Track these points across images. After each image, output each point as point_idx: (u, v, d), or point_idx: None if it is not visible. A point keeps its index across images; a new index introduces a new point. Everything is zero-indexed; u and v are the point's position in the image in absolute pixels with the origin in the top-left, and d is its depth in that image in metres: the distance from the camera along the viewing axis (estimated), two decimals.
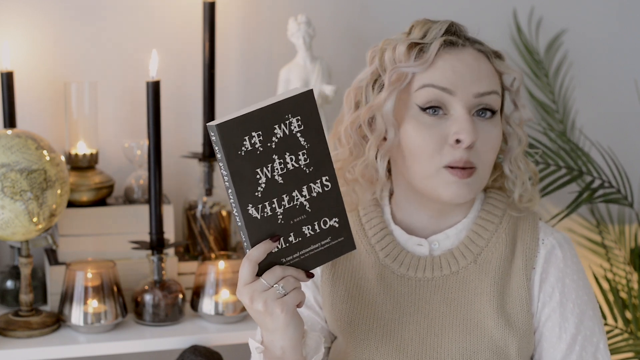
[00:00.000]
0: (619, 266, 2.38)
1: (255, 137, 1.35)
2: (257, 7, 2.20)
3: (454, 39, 1.52)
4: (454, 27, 1.54)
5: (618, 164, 2.24)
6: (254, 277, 1.38)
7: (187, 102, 2.19)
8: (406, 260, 1.56)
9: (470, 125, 1.46)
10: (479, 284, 1.54)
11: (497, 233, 1.56)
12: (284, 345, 1.41)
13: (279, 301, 1.38)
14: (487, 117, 1.50)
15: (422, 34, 1.53)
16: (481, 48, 1.53)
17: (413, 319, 1.54)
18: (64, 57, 2.11)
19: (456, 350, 1.51)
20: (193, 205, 2.13)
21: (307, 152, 1.38)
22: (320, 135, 1.39)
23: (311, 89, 1.37)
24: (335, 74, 2.16)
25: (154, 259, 1.96)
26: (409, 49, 1.51)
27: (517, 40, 2.35)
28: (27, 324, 1.91)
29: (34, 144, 1.84)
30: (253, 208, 1.36)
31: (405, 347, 1.52)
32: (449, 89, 1.48)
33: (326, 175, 1.40)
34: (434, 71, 1.50)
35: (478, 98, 1.49)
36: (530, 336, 1.53)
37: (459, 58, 1.50)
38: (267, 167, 1.36)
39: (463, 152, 1.46)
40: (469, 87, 1.48)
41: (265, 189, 1.36)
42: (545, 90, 2.37)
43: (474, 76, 1.49)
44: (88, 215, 2.02)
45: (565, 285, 1.54)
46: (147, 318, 1.96)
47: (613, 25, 2.43)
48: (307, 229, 1.40)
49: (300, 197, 1.39)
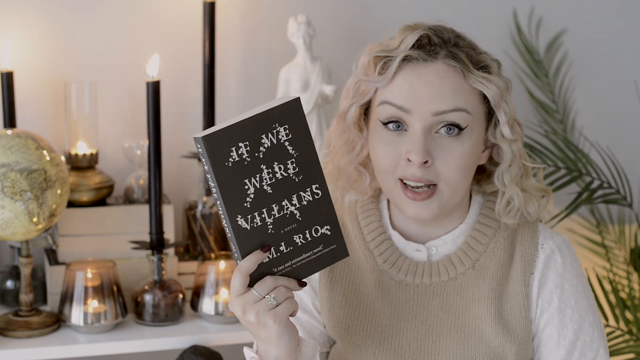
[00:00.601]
0: (619, 266, 2.38)
1: (242, 148, 1.34)
2: (257, 7, 2.20)
3: (415, 54, 1.46)
4: (427, 39, 1.48)
5: (617, 164, 2.24)
6: (245, 289, 1.38)
7: (187, 102, 2.19)
8: (404, 265, 1.55)
9: (420, 145, 1.44)
10: (477, 290, 1.53)
11: (495, 238, 1.55)
12: (278, 354, 1.41)
13: (271, 312, 1.37)
14: (453, 133, 1.46)
15: (398, 43, 1.49)
16: (452, 63, 1.46)
17: (411, 324, 1.53)
18: (64, 57, 2.11)
19: (454, 356, 1.50)
20: (193, 205, 2.13)
21: (295, 160, 1.37)
22: (308, 143, 1.38)
23: (298, 97, 1.36)
24: (335, 74, 2.16)
25: (154, 259, 1.96)
26: (374, 61, 1.50)
27: (517, 40, 2.35)
28: (27, 324, 1.91)
29: (34, 144, 1.84)
30: (242, 219, 1.35)
31: (403, 353, 1.51)
32: (405, 108, 1.46)
33: (316, 183, 1.39)
34: (393, 88, 1.47)
35: (437, 116, 1.45)
36: (528, 342, 1.52)
37: (419, 74, 1.46)
38: (255, 177, 1.35)
39: (416, 170, 1.45)
40: (427, 106, 1.45)
41: (254, 199, 1.35)
42: (545, 90, 2.37)
43: (434, 94, 1.45)
44: (88, 215, 2.02)
45: (564, 291, 1.53)
46: (147, 318, 1.96)
47: (613, 25, 2.43)
48: (298, 237, 1.39)
49: (290, 206, 1.38)
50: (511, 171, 1.53)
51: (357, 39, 2.25)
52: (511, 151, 1.52)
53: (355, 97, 1.53)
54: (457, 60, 1.47)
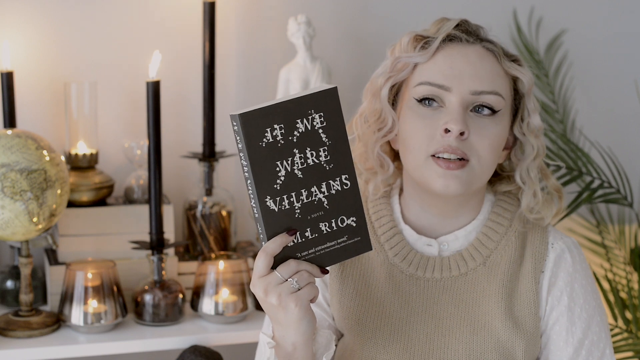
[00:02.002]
0: (619, 266, 2.38)
1: (277, 130, 1.35)
2: (257, 7, 2.20)
3: (458, 34, 1.53)
4: (465, 25, 1.55)
5: (618, 164, 2.24)
6: (268, 270, 1.38)
7: (187, 102, 2.19)
8: (415, 260, 1.56)
9: (460, 116, 1.47)
10: (487, 286, 1.54)
11: (506, 236, 1.57)
12: (296, 341, 1.41)
13: (293, 295, 1.38)
14: (485, 114, 1.50)
15: (436, 30, 1.54)
16: (490, 47, 1.53)
17: (421, 318, 1.54)
18: (64, 57, 2.11)
19: (463, 350, 1.51)
20: (193, 205, 2.13)
21: (328, 149, 1.38)
22: (342, 133, 1.39)
23: (335, 87, 1.38)
24: (335, 74, 2.17)
25: (154, 259, 1.96)
26: (414, 40, 1.54)
27: (517, 40, 2.35)
28: (27, 324, 1.91)
29: (34, 144, 1.84)
30: (271, 200, 1.37)
31: (412, 346, 1.52)
32: (445, 86, 1.49)
33: (346, 174, 1.40)
34: (433, 66, 1.51)
35: (475, 96, 1.49)
36: (537, 339, 1.54)
37: (461, 53, 1.51)
38: (287, 160, 1.36)
39: (453, 140, 1.47)
40: (466, 84, 1.49)
41: (284, 182, 1.37)
42: (545, 90, 2.37)
43: (474, 73, 1.49)
44: (88, 215, 2.02)
45: (574, 290, 1.54)
46: (147, 318, 1.96)
47: (613, 25, 2.43)
48: (324, 225, 1.40)
49: (319, 193, 1.39)
50: (535, 165, 1.56)
51: (357, 39, 2.25)
52: (537, 145, 1.56)
53: (392, 72, 1.54)
54: (495, 45, 1.54)
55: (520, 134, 1.56)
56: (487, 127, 1.49)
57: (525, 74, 1.54)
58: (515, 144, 1.59)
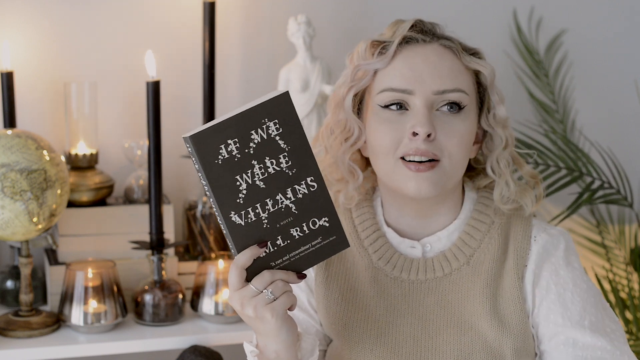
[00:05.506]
0: (619, 266, 2.38)
1: (231, 145, 1.34)
2: (257, 7, 2.20)
3: (414, 35, 1.52)
4: (420, 25, 1.54)
5: (618, 164, 2.24)
6: (243, 283, 1.39)
7: (187, 102, 2.19)
8: (399, 262, 1.56)
9: (426, 118, 1.46)
10: (471, 286, 1.54)
11: (489, 234, 1.56)
12: (278, 349, 1.42)
13: (269, 306, 1.38)
14: (454, 111, 1.49)
15: (392, 34, 1.54)
16: (447, 44, 1.52)
17: (407, 321, 1.53)
18: (64, 57, 2.11)
19: (451, 352, 1.51)
20: (193, 205, 2.13)
21: (288, 154, 1.37)
22: (300, 136, 1.38)
23: (287, 91, 1.37)
24: (335, 74, 2.16)
25: (154, 259, 1.96)
26: (371, 47, 1.54)
27: (517, 40, 2.35)
28: (27, 324, 1.91)
29: (34, 144, 1.84)
30: (236, 215, 1.36)
31: (400, 349, 1.52)
32: (408, 90, 1.48)
33: (311, 176, 1.39)
34: (393, 71, 1.50)
35: (438, 95, 1.48)
36: (526, 336, 1.52)
37: (419, 54, 1.51)
38: (246, 173, 1.36)
39: (421, 143, 1.46)
40: (428, 85, 1.48)
41: (247, 195, 1.36)
42: (545, 90, 2.37)
43: (434, 73, 1.49)
44: (88, 215, 2.02)
45: (559, 277, 1.53)
46: (147, 318, 1.96)
47: (613, 26, 2.43)
48: (295, 231, 1.40)
49: (285, 200, 1.38)
50: (505, 155, 1.55)
51: (357, 39, 2.23)
52: (505, 136, 1.55)
53: (353, 81, 1.54)
54: (452, 41, 1.53)
55: (488, 127, 1.55)
56: (454, 124, 1.49)
57: (486, 67, 1.53)
58: (486, 137, 1.58)
